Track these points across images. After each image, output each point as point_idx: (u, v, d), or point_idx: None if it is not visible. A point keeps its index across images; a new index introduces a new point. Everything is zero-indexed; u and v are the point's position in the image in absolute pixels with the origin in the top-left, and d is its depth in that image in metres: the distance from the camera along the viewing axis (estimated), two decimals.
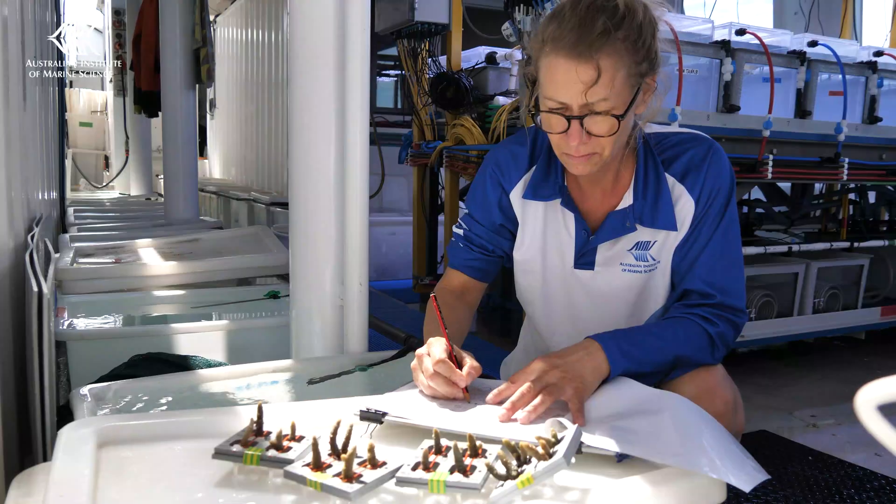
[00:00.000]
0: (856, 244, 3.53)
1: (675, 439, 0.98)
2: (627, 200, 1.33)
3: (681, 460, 0.92)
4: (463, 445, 0.93)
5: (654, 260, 1.34)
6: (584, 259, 1.38)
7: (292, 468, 0.90)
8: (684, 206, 1.31)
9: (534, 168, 1.40)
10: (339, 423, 0.94)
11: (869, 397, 0.51)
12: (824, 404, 2.89)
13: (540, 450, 0.88)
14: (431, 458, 0.92)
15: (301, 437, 0.97)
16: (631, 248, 1.34)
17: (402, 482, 0.89)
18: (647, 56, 1.21)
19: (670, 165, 1.33)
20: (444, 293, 1.46)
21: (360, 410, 1.08)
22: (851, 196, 3.89)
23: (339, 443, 0.93)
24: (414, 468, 0.90)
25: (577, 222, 1.37)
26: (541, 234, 1.41)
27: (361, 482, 0.86)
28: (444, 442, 0.96)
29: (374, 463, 0.90)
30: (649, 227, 1.32)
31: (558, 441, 0.90)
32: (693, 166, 1.31)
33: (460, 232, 1.49)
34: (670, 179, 1.32)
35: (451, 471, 0.89)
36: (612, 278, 1.36)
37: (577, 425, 0.94)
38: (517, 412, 1.08)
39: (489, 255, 1.47)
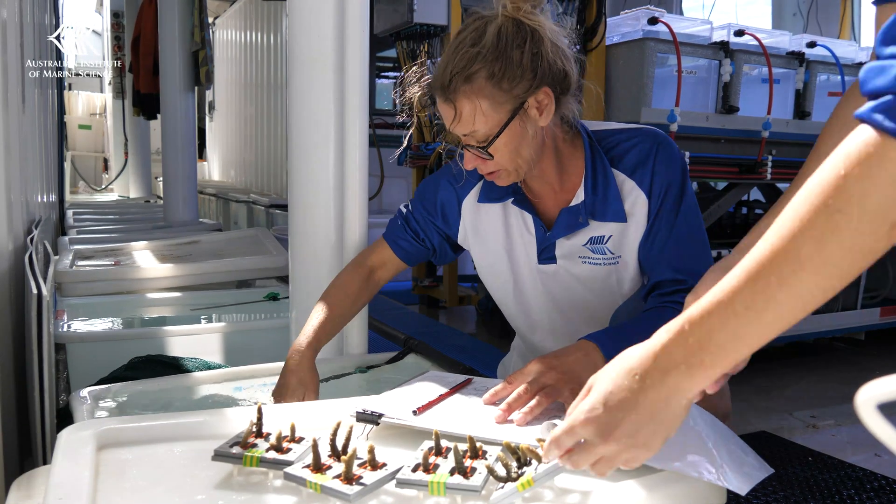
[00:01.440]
0: None
1: (673, 443, 0.98)
2: (580, 197, 1.37)
3: (679, 466, 0.92)
4: (463, 447, 0.93)
5: (613, 254, 1.38)
6: (546, 254, 1.42)
7: (292, 470, 0.90)
8: (636, 200, 1.35)
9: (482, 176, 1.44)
10: (338, 425, 0.94)
11: (869, 396, 0.51)
12: (824, 405, 2.89)
13: (540, 452, 0.87)
14: (432, 459, 0.92)
15: (301, 439, 0.97)
16: (586, 243, 1.39)
17: (403, 484, 0.89)
18: (521, 77, 1.23)
19: (619, 162, 1.37)
20: (353, 274, 1.52)
21: (357, 411, 1.08)
22: None
23: (339, 444, 0.93)
24: (414, 469, 0.90)
25: (535, 220, 1.41)
26: (503, 234, 1.46)
27: (361, 484, 0.86)
28: (444, 443, 0.95)
29: (374, 464, 0.90)
30: (600, 220, 1.36)
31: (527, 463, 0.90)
32: (641, 161, 1.35)
33: (403, 210, 1.54)
34: (620, 175, 1.36)
35: (452, 472, 0.89)
36: (574, 270, 1.41)
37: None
38: (513, 413, 1.08)
39: (419, 241, 1.53)
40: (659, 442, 0.76)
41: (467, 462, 0.91)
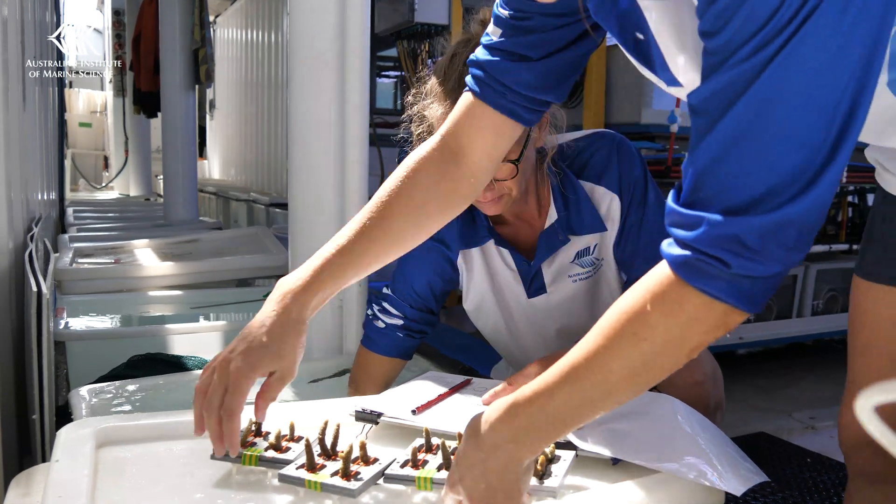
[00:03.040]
0: (854, 246, 3.53)
1: (670, 445, 0.98)
2: (552, 216, 1.35)
3: (675, 468, 0.92)
4: (452, 444, 0.94)
5: (599, 259, 1.38)
6: (535, 286, 1.40)
7: (287, 471, 0.90)
8: (611, 204, 1.35)
9: (455, 223, 1.36)
10: (326, 424, 0.95)
11: (867, 398, 0.51)
12: (823, 406, 2.89)
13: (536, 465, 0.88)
14: (421, 456, 0.94)
15: (300, 438, 0.98)
16: (573, 260, 1.38)
17: (390, 479, 0.90)
18: None
19: (583, 171, 1.36)
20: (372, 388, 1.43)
21: (356, 410, 1.08)
22: (850, 199, 3.90)
23: (329, 443, 0.94)
24: (403, 465, 0.91)
25: (514, 256, 1.39)
26: (486, 275, 1.43)
27: (360, 479, 0.87)
28: (434, 441, 0.96)
29: (366, 460, 0.91)
30: (579, 234, 1.35)
31: (552, 460, 0.91)
32: (605, 166, 1.35)
33: (397, 322, 1.45)
34: (587, 185, 1.35)
35: (439, 468, 0.90)
36: (566, 292, 1.39)
37: (573, 453, 0.94)
38: None
39: (420, 336, 1.48)
40: (518, 498, 0.81)
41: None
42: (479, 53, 1.02)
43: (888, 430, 0.52)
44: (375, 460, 0.91)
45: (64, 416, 1.36)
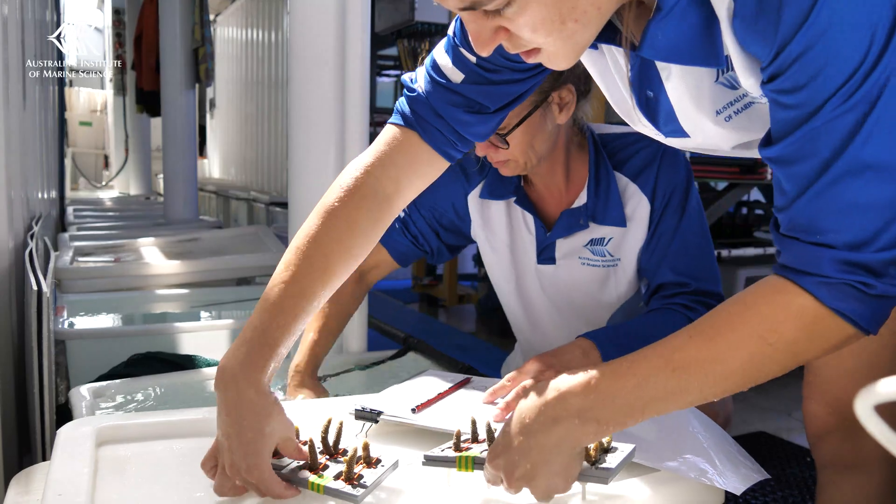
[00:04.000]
0: None
1: (670, 444, 0.98)
2: (582, 199, 1.38)
3: (676, 466, 0.92)
4: (498, 427, 0.89)
5: (612, 256, 1.39)
6: (545, 254, 1.43)
7: (288, 471, 0.88)
8: (638, 205, 1.36)
9: (492, 171, 1.45)
10: (329, 422, 0.94)
11: (867, 397, 0.51)
12: None
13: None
14: (464, 446, 0.91)
15: (305, 443, 0.96)
16: (587, 244, 1.40)
17: (431, 461, 0.88)
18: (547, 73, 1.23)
19: (623, 166, 1.38)
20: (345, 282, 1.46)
21: (356, 409, 1.08)
22: None
23: (332, 440, 0.92)
24: (444, 450, 0.90)
25: (535, 220, 1.43)
26: (506, 232, 1.47)
27: (363, 484, 0.85)
28: (481, 431, 0.92)
29: (368, 461, 0.89)
30: (601, 223, 1.37)
31: (608, 450, 0.85)
32: (644, 166, 1.36)
33: (402, 215, 1.52)
34: (622, 179, 1.37)
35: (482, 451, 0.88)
36: (573, 271, 1.42)
37: (633, 446, 0.87)
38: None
39: (418, 245, 1.52)
40: (558, 482, 0.78)
41: None
42: (430, 91, 0.97)
43: (888, 429, 0.52)
44: (378, 461, 0.89)
45: (64, 414, 1.36)
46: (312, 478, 0.87)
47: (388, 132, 1.00)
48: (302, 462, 0.90)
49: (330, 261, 0.92)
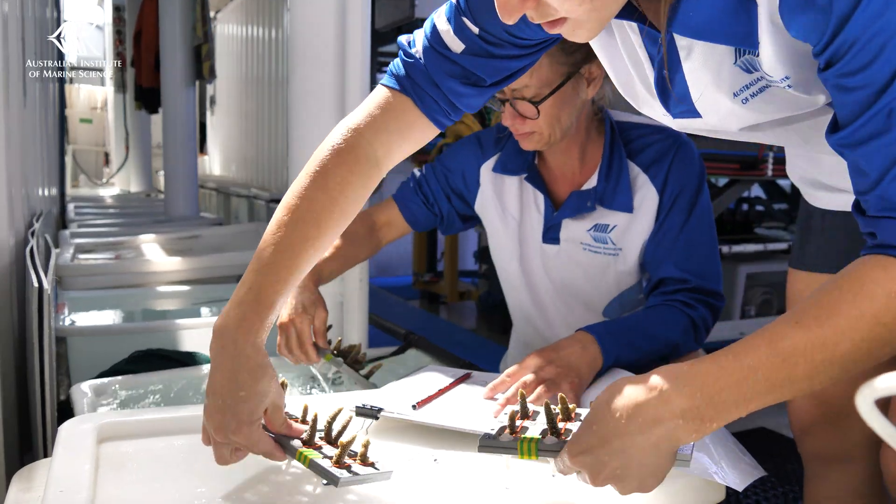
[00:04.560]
0: None
1: None
2: (592, 182, 1.39)
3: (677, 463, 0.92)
4: (555, 408, 0.87)
5: (615, 245, 1.39)
6: (550, 234, 1.44)
7: (280, 437, 0.89)
8: (646, 196, 1.36)
9: (507, 145, 1.47)
10: (339, 411, 0.93)
11: (868, 393, 0.51)
12: None
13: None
14: (519, 422, 0.86)
15: (297, 420, 0.96)
16: (590, 229, 1.40)
17: (486, 448, 0.83)
18: (579, 45, 1.20)
19: (637, 155, 1.39)
20: (359, 223, 1.48)
21: (356, 406, 1.08)
22: None
23: (336, 430, 0.92)
24: (499, 433, 0.83)
25: (545, 199, 1.44)
26: (518, 209, 1.48)
27: (352, 472, 0.83)
28: (532, 407, 0.89)
29: (364, 459, 0.86)
30: (607, 208, 1.38)
31: (570, 418, 0.85)
32: (657, 159, 1.37)
33: (417, 174, 1.55)
34: (634, 168, 1.38)
35: (543, 434, 0.82)
36: (575, 255, 1.43)
37: None
38: None
39: (428, 206, 1.53)
40: (650, 482, 0.76)
41: (561, 424, 0.83)
42: (428, 58, 0.96)
43: (888, 424, 0.52)
44: (372, 464, 0.86)
45: (65, 411, 1.36)
46: (302, 449, 0.86)
47: (381, 95, 0.98)
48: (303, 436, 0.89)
49: (321, 221, 0.93)
